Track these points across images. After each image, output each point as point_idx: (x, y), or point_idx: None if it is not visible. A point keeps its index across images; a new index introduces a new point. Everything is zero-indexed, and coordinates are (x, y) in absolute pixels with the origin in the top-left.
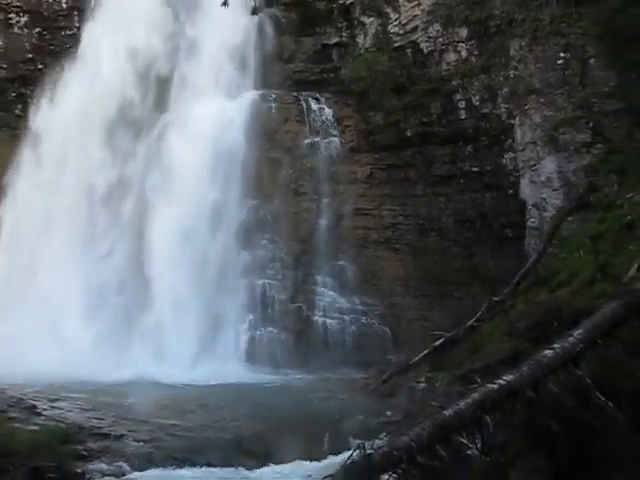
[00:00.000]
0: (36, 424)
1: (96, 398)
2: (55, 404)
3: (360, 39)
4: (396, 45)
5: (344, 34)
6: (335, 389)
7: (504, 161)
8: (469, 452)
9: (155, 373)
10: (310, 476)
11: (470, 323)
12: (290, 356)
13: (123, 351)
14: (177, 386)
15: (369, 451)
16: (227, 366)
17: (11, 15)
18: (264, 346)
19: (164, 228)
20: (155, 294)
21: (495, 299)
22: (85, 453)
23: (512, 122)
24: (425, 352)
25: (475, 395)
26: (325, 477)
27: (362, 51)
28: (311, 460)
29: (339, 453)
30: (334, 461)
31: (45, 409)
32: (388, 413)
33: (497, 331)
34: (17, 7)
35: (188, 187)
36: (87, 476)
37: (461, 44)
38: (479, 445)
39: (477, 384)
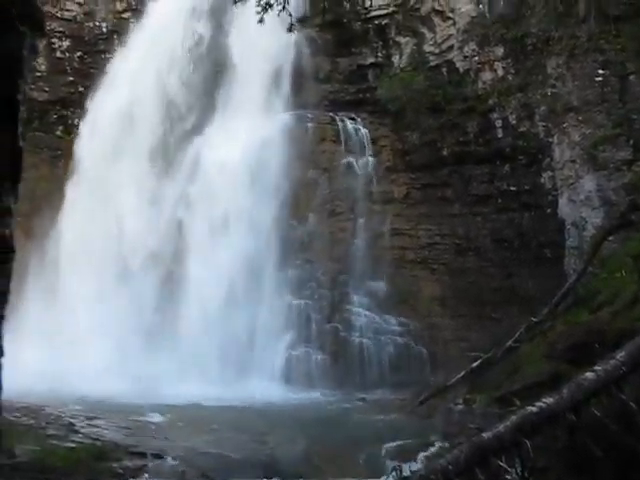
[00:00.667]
0: (73, 441)
1: (132, 417)
2: (92, 422)
3: (396, 59)
4: (432, 64)
5: (380, 54)
6: (371, 410)
7: (542, 180)
8: (508, 477)
9: (190, 393)
10: None
11: (508, 344)
12: (326, 376)
13: (158, 370)
14: (213, 406)
15: (406, 474)
16: (263, 386)
17: (54, 40)
18: (300, 366)
19: (201, 248)
20: (191, 312)
21: (534, 320)
22: (121, 471)
23: (550, 140)
24: (463, 373)
25: (514, 418)
26: None
27: (398, 71)
28: None
29: (375, 476)
30: None
31: (82, 427)
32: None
33: (536, 352)
34: (60, 32)
35: (224, 207)
36: None
37: (497, 62)
38: (519, 470)
39: (516, 407)
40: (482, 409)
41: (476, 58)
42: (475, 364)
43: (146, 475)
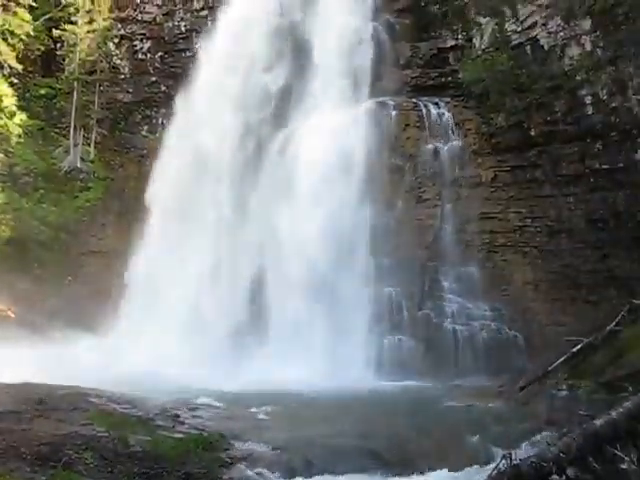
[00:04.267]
0: (180, 432)
1: (232, 407)
2: (195, 413)
3: (477, 40)
4: (514, 43)
5: (460, 36)
6: (468, 397)
7: (637, 156)
8: (623, 465)
9: (285, 382)
10: None
11: (610, 328)
12: (419, 364)
13: (252, 360)
14: (311, 395)
15: (516, 462)
16: (356, 375)
17: (135, 42)
18: (393, 354)
19: (290, 235)
20: (285, 301)
21: (636, 302)
22: (229, 460)
23: None
24: (563, 358)
25: (628, 405)
26: None
27: (479, 52)
28: (450, 470)
29: (483, 462)
30: (476, 471)
31: (187, 418)
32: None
33: None
34: (141, 34)
35: (312, 197)
36: None
37: (584, 37)
38: (635, 458)
39: (628, 393)
40: (587, 395)
41: (561, 33)
42: (575, 349)
43: (253, 464)
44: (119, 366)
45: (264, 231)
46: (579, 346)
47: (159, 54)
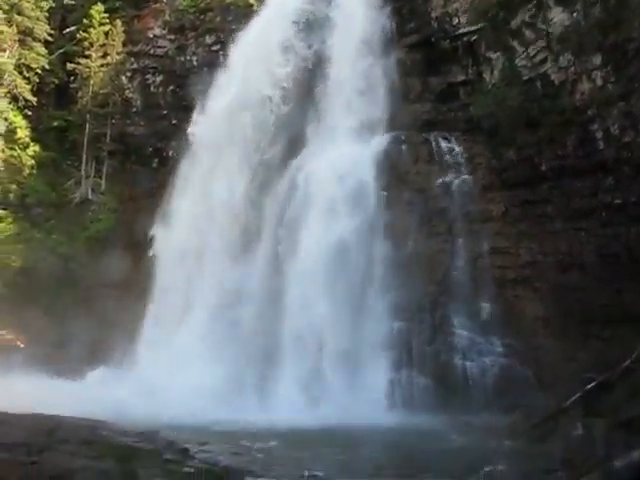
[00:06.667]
0: (190, 466)
1: (241, 442)
2: (204, 447)
3: (487, 75)
4: (525, 78)
5: (470, 71)
6: (479, 434)
7: None
8: None
9: (293, 415)
10: None
11: (625, 365)
12: (429, 399)
13: (262, 393)
14: (320, 429)
15: None
16: (367, 408)
17: (147, 76)
18: (403, 389)
19: (300, 269)
20: (293, 333)
21: None
22: None
23: None
24: (577, 396)
25: None
26: None
27: (490, 87)
28: None
29: None
30: None
31: (196, 452)
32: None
33: None
34: (153, 68)
35: (321, 230)
36: None
37: (595, 71)
38: None
39: None
40: (604, 435)
41: (572, 68)
42: (589, 386)
43: None
44: (129, 398)
45: (272, 266)
46: (593, 383)
47: (170, 88)
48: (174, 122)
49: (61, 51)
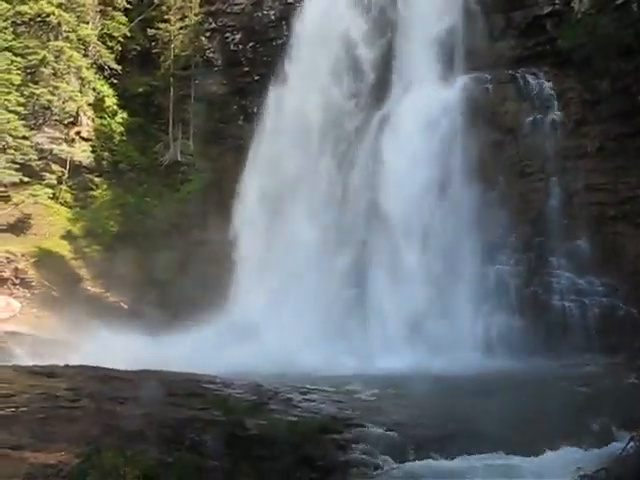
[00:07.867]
0: (294, 415)
1: (341, 390)
2: (307, 397)
3: (576, 3)
4: (618, 2)
5: (557, 1)
6: (583, 376)
7: None
8: None
9: (390, 364)
10: (579, 468)
11: None
12: (529, 343)
13: (352, 342)
14: (419, 377)
15: None
16: (464, 356)
17: (227, 34)
18: (501, 334)
19: (392, 214)
20: (378, 283)
21: None
22: (343, 443)
23: None
24: None
25: None
26: (599, 470)
27: (579, 16)
28: (574, 450)
29: (603, 444)
30: (601, 452)
31: (300, 401)
32: None
33: None
34: (231, 26)
35: (410, 177)
36: (352, 466)
37: None
38: None
39: None
40: None
41: None
42: None
43: (367, 446)
44: (230, 352)
45: (366, 209)
46: None
47: (250, 44)
48: (256, 78)
49: (141, 17)
